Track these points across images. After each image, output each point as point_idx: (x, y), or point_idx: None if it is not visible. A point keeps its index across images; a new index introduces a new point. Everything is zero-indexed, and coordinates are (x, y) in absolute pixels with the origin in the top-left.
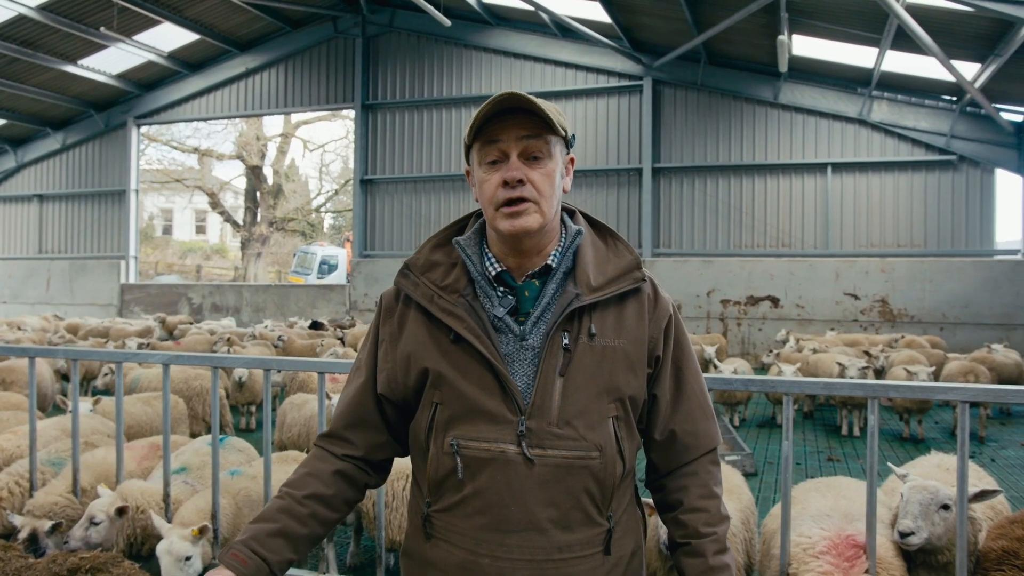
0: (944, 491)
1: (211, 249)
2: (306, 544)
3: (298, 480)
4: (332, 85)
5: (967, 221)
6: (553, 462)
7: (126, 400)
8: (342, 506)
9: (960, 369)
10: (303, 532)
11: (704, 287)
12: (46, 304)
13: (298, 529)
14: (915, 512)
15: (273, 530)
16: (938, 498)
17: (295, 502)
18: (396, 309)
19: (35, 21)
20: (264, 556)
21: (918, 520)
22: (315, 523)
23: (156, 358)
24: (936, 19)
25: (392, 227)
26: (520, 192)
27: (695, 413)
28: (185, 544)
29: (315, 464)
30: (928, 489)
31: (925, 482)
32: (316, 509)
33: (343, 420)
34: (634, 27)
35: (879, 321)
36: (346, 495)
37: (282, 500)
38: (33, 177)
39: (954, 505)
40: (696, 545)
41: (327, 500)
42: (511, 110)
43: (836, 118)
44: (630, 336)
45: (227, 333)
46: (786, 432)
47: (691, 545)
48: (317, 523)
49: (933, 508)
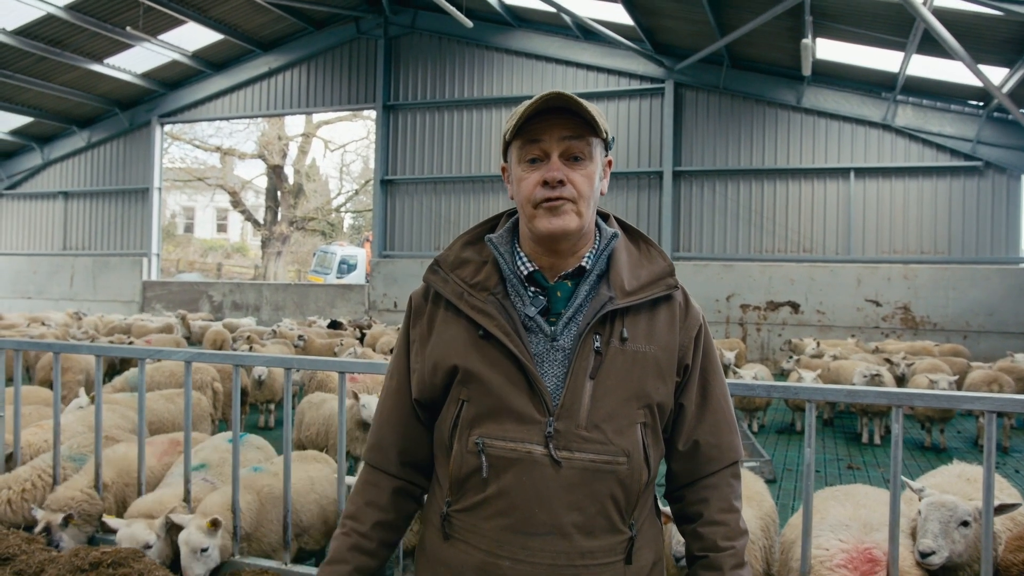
0: (963, 507)
1: (232, 247)
2: (379, 570)
3: (359, 512)
4: (354, 85)
5: (992, 228)
6: (580, 465)
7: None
8: (404, 523)
9: (984, 378)
10: (374, 564)
11: (724, 292)
12: (70, 300)
13: (370, 563)
14: (935, 531)
15: (347, 572)
16: (957, 514)
17: (362, 537)
18: (425, 308)
19: (63, 20)
20: None
21: (938, 539)
22: (384, 550)
23: (179, 355)
24: (963, 23)
25: (412, 228)
26: (559, 192)
27: (720, 425)
28: (200, 535)
29: (371, 492)
30: (947, 506)
31: (943, 497)
32: (383, 536)
33: (384, 429)
34: (656, 29)
35: (901, 328)
36: (406, 511)
37: (348, 537)
38: (58, 174)
39: (974, 521)
40: (714, 559)
41: (390, 525)
42: (554, 110)
43: (860, 123)
44: (661, 343)
45: (247, 331)
46: (808, 439)
47: (709, 558)
48: (386, 549)
49: (953, 525)
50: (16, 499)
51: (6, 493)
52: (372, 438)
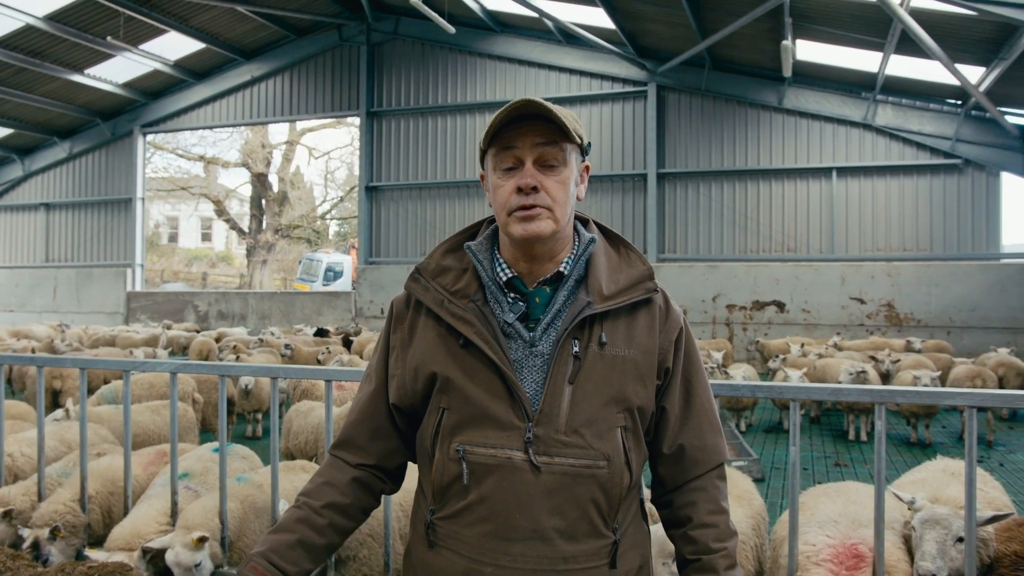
0: (957, 522)
1: (217, 257)
2: (324, 553)
3: (315, 490)
4: (337, 93)
5: (973, 225)
6: (560, 470)
7: (133, 408)
8: (359, 514)
9: (967, 373)
10: (321, 542)
11: (709, 292)
12: (53, 312)
13: (316, 539)
14: (933, 552)
15: (292, 541)
16: (952, 531)
17: (313, 512)
18: (406, 315)
19: (42, 31)
20: (283, 568)
21: (937, 560)
22: (333, 533)
23: (163, 367)
24: (940, 23)
25: (397, 234)
26: (533, 199)
27: (704, 427)
28: (189, 553)
29: (331, 473)
30: (941, 524)
31: (935, 513)
32: (334, 519)
33: (354, 428)
34: (638, 33)
35: (885, 325)
36: (363, 503)
37: (300, 510)
38: (40, 186)
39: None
40: (707, 561)
41: (344, 509)
42: (527, 116)
43: (841, 122)
44: (640, 346)
45: (233, 341)
46: (793, 438)
47: (702, 561)
48: (335, 533)
49: (950, 543)
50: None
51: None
52: (341, 434)
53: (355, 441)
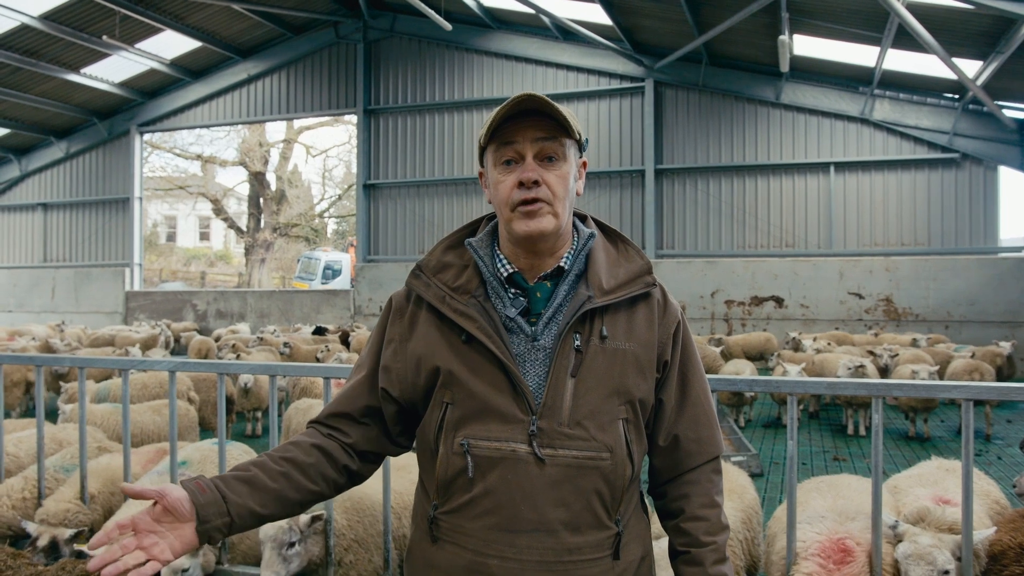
0: (942, 557)
1: (215, 255)
2: (274, 502)
3: (279, 447)
4: (334, 90)
5: (971, 219)
6: (564, 462)
7: (133, 408)
8: (318, 479)
9: (965, 367)
10: (272, 487)
11: (708, 288)
12: (51, 313)
13: (267, 483)
14: None
15: (241, 476)
16: (938, 566)
17: (270, 460)
18: (407, 309)
19: (37, 30)
20: (224, 494)
21: None
22: (286, 483)
23: (162, 365)
24: (937, 17)
25: (396, 231)
26: (535, 193)
27: (699, 419)
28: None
29: (298, 437)
30: (926, 559)
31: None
32: (290, 471)
33: (334, 408)
34: (635, 29)
35: (884, 320)
36: (324, 469)
37: (259, 458)
38: (37, 186)
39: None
40: (696, 554)
41: (303, 466)
42: (527, 112)
43: (838, 117)
44: (640, 340)
45: (232, 340)
46: (791, 432)
47: (691, 554)
48: (288, 484)
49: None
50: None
51: (7, 500)
52: (322, 412)
53: (330, 420)
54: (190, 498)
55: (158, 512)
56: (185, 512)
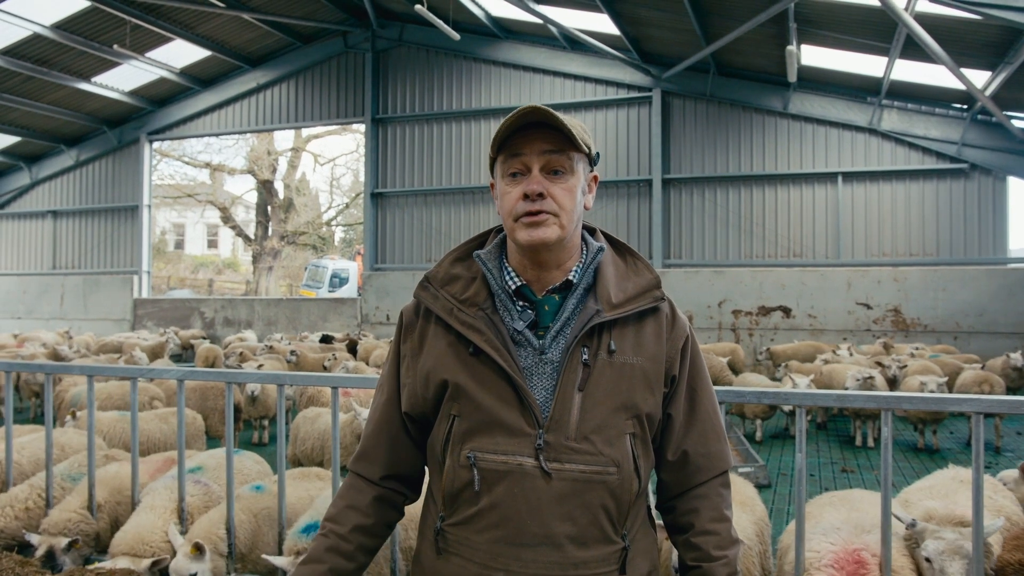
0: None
1: (223, 263)
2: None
3: (340, 514)
4: (342, 99)
5: (980, 229)
6: (571, 476)
7: (141, 416)
8: (384, 530)
9: (975, 379)
10: (351, 567)
11: (715, 298)
12: (60, 319)
13: (346, 565)
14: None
15: (323, 572)
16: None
17: (340, 539)
18: (416, 324)
19: (49, 40)
20: None
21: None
22: (361, 555)
23: (170, 374)
24: (945, 27)
25: (403, 240)
26: (539, 206)
27: (708, 434)
28: (186, 563)
29: (353, 496)
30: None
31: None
32: (361, 541)
33: (371, 440)
34: (643, 39)
35: (892, 331)
36: (387, 519)
37: (327, 538)
38: (47, 193)
39: None
40: (707, 568)
41: (369, 530)
42: (535, 124)
43: (846, 127)
44: (648, 354)
45: (240, 348)
46: (799, 444)
47: (702, 568)
48: (363, 554)
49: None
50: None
51: (10, 511)
52: (360, 448)
53: (373, 453)
54: None
55: None
56: None
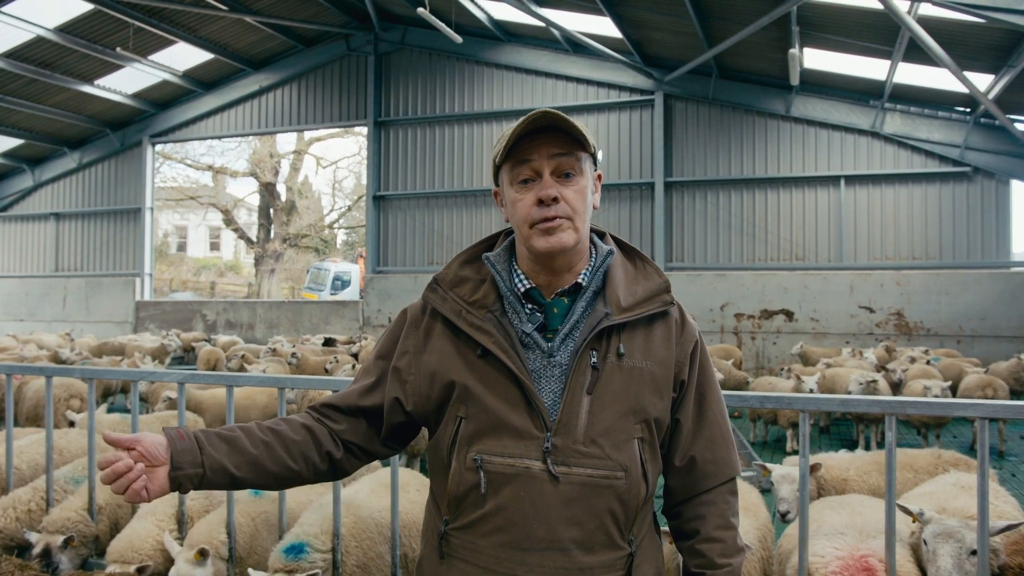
0: (970, 535)
1: (225, 266)
2: (249, 466)
3: (271, 420)
4: (345, 102)
5: (983, 233)
6: (578, 480)
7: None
8: (299, 458)
9: (978, 383)
10: (251, 452)
11: (718, 301)
12: (62, 322)
13: (247, 447)
14: (949, 567)
15: (223, 435)
16: (966, 545)
17: (257, 427)
18: (422, 322)
19: (52, 42)
20: (202, 446)
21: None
22: (266, 452)
23: (172, 377)
24: (948, 31)
25: (405, 243)
26: (554, 211)
27: (716, 440)
28: (189, 568)
29: (291, 416)
30: (955, 537)
31: (947, 526)
32: (272, 441)
33: (332, 399)
34: (645, 42)
35: (895, 334)
36: (307, 449)
37: (248, 424)
38: (50, 196)
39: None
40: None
41: (287, 441)
42: (542, 128)
43: (849, 131)
44: (657, 358)
45: (241, 350)
46: (803, 449)
47: (706, 575)
48: (268, 454)
49: (965, 556)
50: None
51: (12, 512)
52: (319, 400)
53: (326, 410)
54: (167, 444)
55: (135, 457)
56: (161, 457)
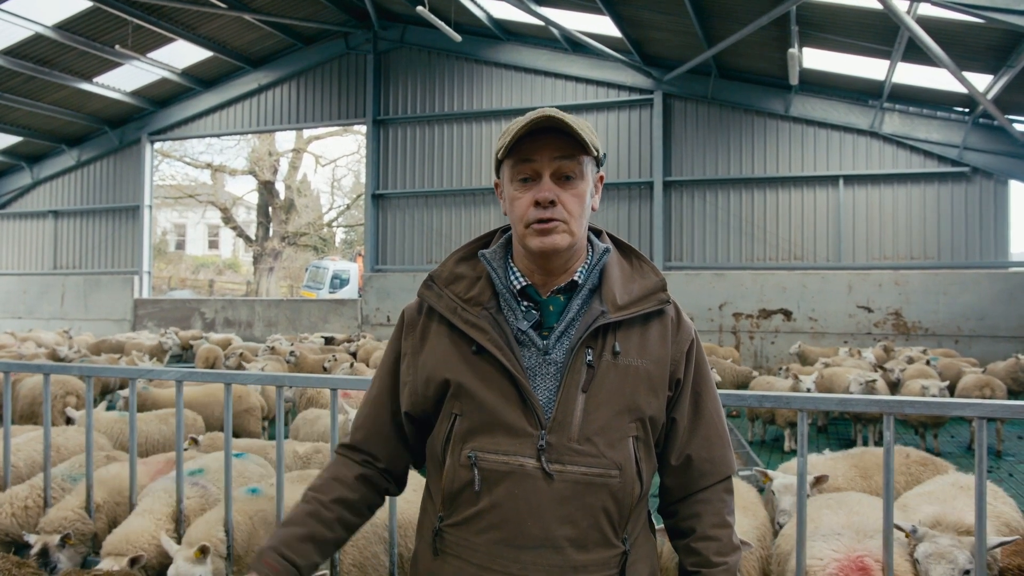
0: (963, 556)
1: (224, 264)
2: (332, 548)
3: (324, 484)
4: (344, 100)
5: (981, 233)
6: (572, 478)
7: (140, 417)
8: (365, 510)
9: (976, 383)
10: (330, 536)
11: (716, 300)
12: (60, 319)
13: (325, 534)
14: None
15: (302, 535)
16: (959, 566)
17: (322, 507)
18: (419, 321)
19: (51, 40)
20: (294, 561)
21: None
22: (341, 527)
23: (170, 375)
24: (947, 31)
25: (403, 241)
26: (551, 213)
27: (712, 439)
28: (189, 566)
29: (339, 469)
30: (947, 558)
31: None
32: (342, 513)
33: (361, 431)
34: (644, 41)
35: (893, 334)
36: (369, 499)
37: (309, 505)
38: (48, 193)
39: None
40: (707, 574)
41: (352, 504)
42: (545, 129)
43: (847, 130)
44: (653, 357)
45: (239, 348)
46: (801, 449)
47: (702, 574)
48: (342, 527)
49: None
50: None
51: (8, 508)
52: (347, 437)
53: (359, 444)
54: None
55: None
56: None
